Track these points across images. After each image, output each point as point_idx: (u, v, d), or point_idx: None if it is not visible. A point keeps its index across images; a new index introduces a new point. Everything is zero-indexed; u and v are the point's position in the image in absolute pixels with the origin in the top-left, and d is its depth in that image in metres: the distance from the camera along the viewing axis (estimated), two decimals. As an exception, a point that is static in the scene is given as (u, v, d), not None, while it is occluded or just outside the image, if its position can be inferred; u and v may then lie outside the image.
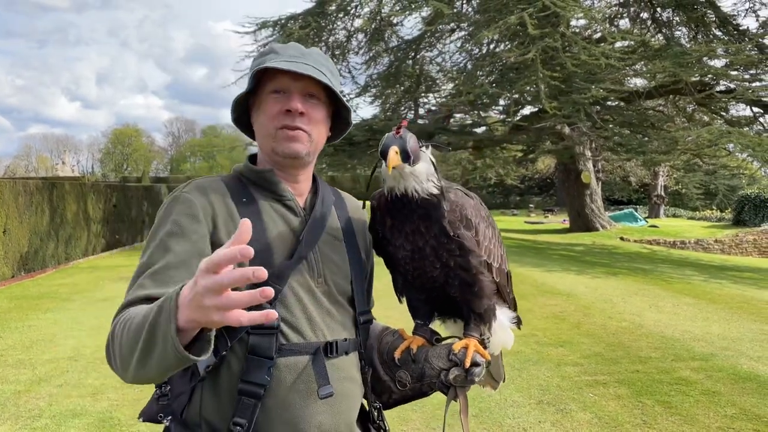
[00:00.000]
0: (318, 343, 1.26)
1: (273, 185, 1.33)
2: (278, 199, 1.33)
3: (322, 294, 1.31)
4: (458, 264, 1.31)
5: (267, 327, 1.19)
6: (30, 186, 11.43)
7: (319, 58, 1.34)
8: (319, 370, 1.24)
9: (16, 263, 10.74)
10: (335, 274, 1.34)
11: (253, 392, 1.18)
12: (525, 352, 5.69)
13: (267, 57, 1.31)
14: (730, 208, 27.80)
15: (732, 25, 16.12)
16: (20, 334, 6.42)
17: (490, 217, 1.43)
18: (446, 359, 1.30)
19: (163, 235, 1.20)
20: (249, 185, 1.34)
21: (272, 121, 1.30)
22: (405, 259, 1.34)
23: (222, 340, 1.18)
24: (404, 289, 1.43)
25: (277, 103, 1.29)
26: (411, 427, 3.94)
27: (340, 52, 19.97)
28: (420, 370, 1.34)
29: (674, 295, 9.05)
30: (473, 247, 1.31)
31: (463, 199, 1.33)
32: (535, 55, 13.20)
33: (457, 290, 1.34)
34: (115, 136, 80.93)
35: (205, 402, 1.22)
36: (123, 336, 1.03)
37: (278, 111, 1.29)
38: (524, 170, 33.61)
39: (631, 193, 37.69)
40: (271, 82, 1.29)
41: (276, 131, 1.30)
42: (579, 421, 4.04)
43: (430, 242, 1.29)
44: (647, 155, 15.36)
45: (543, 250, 16.19)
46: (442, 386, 1.31)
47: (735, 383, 4.82)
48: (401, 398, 1.43)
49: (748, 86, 14.60)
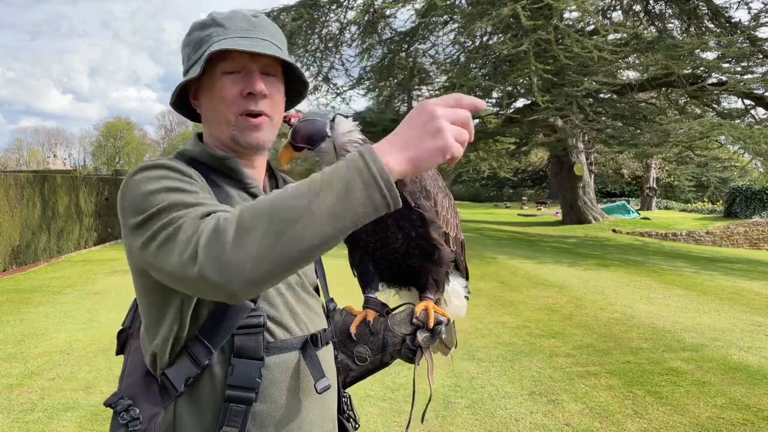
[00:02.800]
0: (303, 337, 1.19)
1: (237, 174, 1.18)
2: (243, 188, 1.19)
3: (297, 285, 1.22)
4: (419, 234, 1.35)
5: (253, 325, 1.10)
6: (21, 179, 11.36)
7: (270, 28, 1.20)
8: (313, 363, 1.17)
9: (8, 257, 10.68)
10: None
11: (242, 398, 1.07)
12: (517, 343, 5.72)
13: (212, 31, 1.16)
14: (721, 200, 27.98)
15: (724, 17, 16.16)
16: (12, 327, 6.39)
17: (446, 187, 1.46)
18: (409, 324, 1.33)
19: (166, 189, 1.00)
20: (208, 171, 1.16)
21: (230, 106, 1.14)
22: (367, 233, 1.36)
23: (203, 348, 1.08)
24: (360, 263, 1.45)
25: (234, 85, 1.14)
26: (404, 418, 3.96)
27: (333, 45, 19.89)
28: (380, 340, 1.34)
29: (665, 286, 9.11)
30: (433, 218, 1.35)
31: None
32: (528, 47, 13.20)
33: (418, 259, 1.39)
34: (107, 129, 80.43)
35: (181, 419, 1.08)
36: (319, 193, 0.85)
37: (236, 94, 1.14)
38: (517, 163, 33.69)
39: (624, 185, 37.82)
40: (224, 61, 1.13)
41: (236, 118, 1.15)
42: (570, 412, 4.07)
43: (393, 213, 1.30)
44: (639, 147, 15.40)
45: (535, 243, 16.25)
46: (408, 351, 1.33)
47: (725, 373, 4.86)
48: (360, 374, 1.40)
49: (740, 78, 14.65)
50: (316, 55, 19.89)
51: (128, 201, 1.02)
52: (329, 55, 20.10)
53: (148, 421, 1.06)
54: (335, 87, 20.17)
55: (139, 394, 1.09)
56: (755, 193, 24.95)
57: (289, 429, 1.14)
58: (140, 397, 1.09)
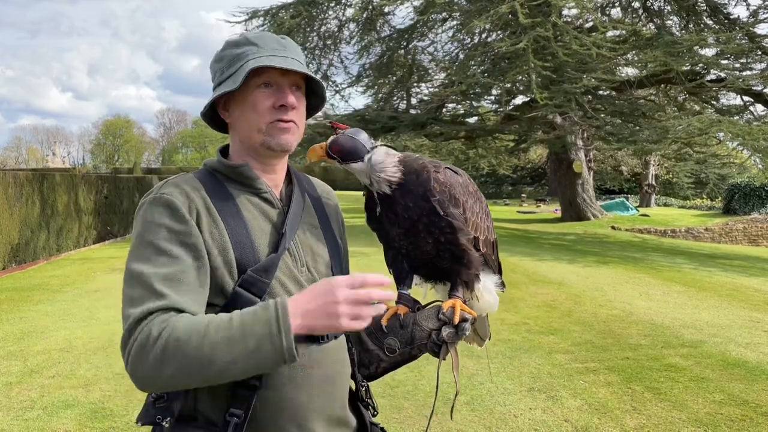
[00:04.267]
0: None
1: (250, 180, 1.33)
2: (255, 193, 1.33)
3: (307, 282, 1.32)
4: (448, 240, 1.43)
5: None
6: (20, 177, 11.35)
7: (295, 47, 1.35)
8: (315, 356, 1.27)
9: (7, 255, 10.68)
10: (317, 262, 1.38)
11: (248, 384, 1.19)
12: (516, 340, 5.73)
13: (246, 49, 1.30)
14: (720, 196, 27.99)
15: (723, 14, 16.16)
16: (12, 326, 6.40)
17: (478, 191, 1.55)
18: (436, 319, 1.40)
19: (158, 240, 1.18)
20: (224, 180, 1.33)
21: (264, 116, 1.29)
22: (399, 237, 1.46)
23: None
24: (394, 261, 1.53)
25: (268, 98, 1.29)
26: (404, 415, 3.97)
27: (331, 42, 19.89)
28: (409, 334, 1.41)
29: (664, 283, 9.12)
30: (461, 226, 1.42)
31: (452, 179, 1.45)
32: (527, 44, 13.20)
33: (448, 262, 1.47)
34: (106, 127, 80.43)
35: (200, 397, 1.23)
36: (209, 335, 1.07)
37: (270, 106, 1.29)
38: (516, 160, 33.65)
39: (623, 182, 37.82)
40: (258, 77, 1.28)
41: (267, 126, 1.29)
42: (569, 408, 4.07)
43: (422, 220, 1.41)
44: (638, 144, 15.41)
45: (534, 240, 16.26)
46: (434, 345, 1.39)
47: (724, 369, 4.87)
48: (390, 365, 1.47)
49: (739, 75, 14.65)
50: (314, 53, 19.89)
51: (134, 229, 1.25)
52: (328, 53, 20.11)
53: (172, 400, 1.22)
54: (334, 84, 20.17)
55: None
56: (754, 190, 24.98)
57: (291, 414, 1.24)
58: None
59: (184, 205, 1.22)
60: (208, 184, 1.30)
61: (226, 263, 1.22)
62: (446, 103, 19.98)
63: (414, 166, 1.43)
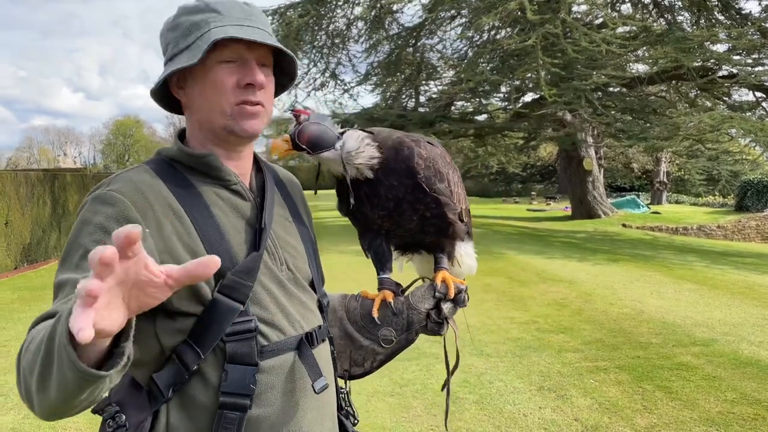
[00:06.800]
0: (298, 336, 1.16)
1: (216, 171, 1.15)
2: (223, 185, 1.16)
3: (289, 282, 1.19)
4: (434, 215, 1.38)
5: (244, 331, 1.07)
6: (32, 178, 11.44)
7: (262, 17, 1.16)
8: (309, 363, 1.15)
9: (19, 255, 10.77)
10: (295, 259, 1.23)
11: (237, 404, 1.05)
12: (526, 338, 5.71)
13: (207, 17, 1.11)
14: (732, 193, 27.72)
15: (734, 9, 16.00)
16: (23, 325, 6.44)
17: (451, 160, 1.49)
18: (431, 298, 1.36)
19: (89, 242, 1.00)
20: (185, 172, 1.15)
21: (228, 96, 1.11)
22: (381, 218, 1.38)
23: (191, 353, 1.04)
24: (371, 244, 1.45)
25: (231, 74, 1.11)
26: (412, 414, 3.96)
27: (340, 41, 19.88)
28: (404, 320, 1.36)
29: (676, 281, 9.05)
30: (448, 201, 1.38)
31: (433, 152, 1.37)
32: (536, 41, 13.13)
33: (433, 236, 1.44)
34: (117, 127, 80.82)
35: (173, 425, 1.05)
36: (23, 357, 0.89)
37: (234, 84, 1.11)
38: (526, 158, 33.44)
39: (634, 179, 37.55)
40: (220, 50, 1.09)
41: (232, 107, 1.12)
42: (579, 407, 4.05)
43: (407, 198, 1.34)
44: (649, 141, 15.29)
45: (544, 238, 16.18)
46: (434, 325, 1.36)
47: (736, 368, 4.83)
48: (386, 357, 1.40)
49: (751, 71, 14.52)
50: (323, 51, 19.90)
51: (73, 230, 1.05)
52: (336, 51, 20.10)
53: (135, 428, 1.03)
54: (342, 83, 20.17)
55: (127, 400, 1.06)
56: (767, 187, 24.73)
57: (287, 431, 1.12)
58: (128, 403, 1.06)
59: (136, 204, 1.05)
60: (168, 177, 1.12)
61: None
62: (455, 101, 19.93)
63: (390, 142, 1.35)
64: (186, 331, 1.05)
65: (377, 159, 1.32)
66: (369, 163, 1.31)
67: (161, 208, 1.07)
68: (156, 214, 1.06)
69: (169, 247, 1.05)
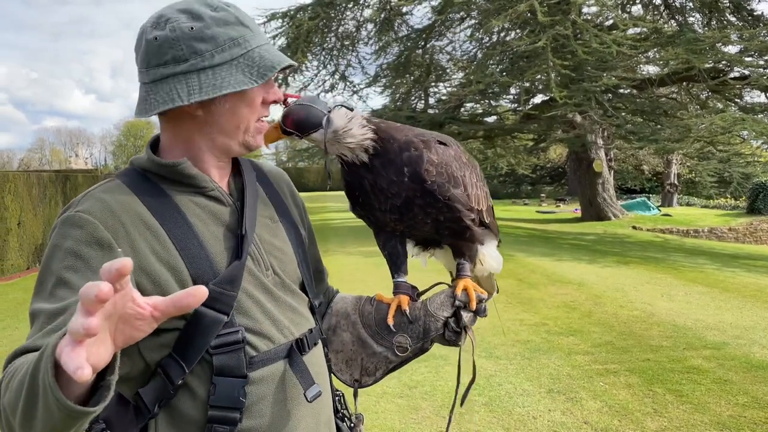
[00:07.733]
0: (288, 343, 1.13)
1: (191, 178, 1.11)
2: (199, 192, 1.12)
3: (276, 287, 1.16)
4: (448, 219, 1.31)
5: (231, 343, 1.04)
6: (43, 178, 11.55)
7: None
8: (301, 371, 1.11)
9: (31, 255, 10.87)
10: (282, 262, 1.20)
11: (226, 418, 1.02)
12: (535, 341, 5.69)
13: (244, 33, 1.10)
14: (744, 196, 27.50)
15: (746, 10, 15.90)
16: (35, 324, 6.50)
17: (470, 158, 1.40)
18: (450, 306, 1.30)
19: (64, 272, 0.97)
20: (159, 182, 1.10)
21: (255, 113, 1.13)
22: (394, 221, 1.32)
23: (176, 367, 1.02)
24: (386, 244, 1.40)
25: (259, 93, 1.12)
26: (421, 415, 3.96)
27: (349, 43, 19.92)
28: (421, 327, 1.30)
29: (686, 283, 8.99)
30: (462, 207, 1.30)
31: (445, 155, 1.28)
32: (546, 43, 13.10)
33: (448, 239, 1.38)
34: (128, 128, 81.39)
35: None
36: (4, 396, 0.85)
37: (260, 101, 1.13)
38: (536, 159, 33.33)
39: (644, 181, 37.34)
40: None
41: (253, 124, 1.14)
42: (589, 410, 4.04)
43: (417, 201, 1.26)
44: (660, 143, 15.19)
45: (554, 240, 16.13)
46: (452, 334, 1.29)
47: (747, 372, 4.79)
48: (399, 364, 1.35)
49: (763, 72, 14.40)
50: (332, 54, 19.95)
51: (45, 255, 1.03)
52: (346, 53, 20.14)
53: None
54: (352, 85, 20.23)
55: (114, 417, 1.02)
56: (779, 189, 24.51)
57: None
58: (115, 420, 1.02)
59: (105, 224, 1.01)
60: (141, 190, 1.08)
61: (179, 283, 1.02)
62: (464, 103, 19.90)
63: (392, 133, 1.27)
64: (170, 345, 1.03)
65: (369, 140, 1.23)
66: (362, 143, 1.23)
67: (133, 225, 1.03)
68: (128, 231, 1.02)
69: (143, 264, 1.02)
